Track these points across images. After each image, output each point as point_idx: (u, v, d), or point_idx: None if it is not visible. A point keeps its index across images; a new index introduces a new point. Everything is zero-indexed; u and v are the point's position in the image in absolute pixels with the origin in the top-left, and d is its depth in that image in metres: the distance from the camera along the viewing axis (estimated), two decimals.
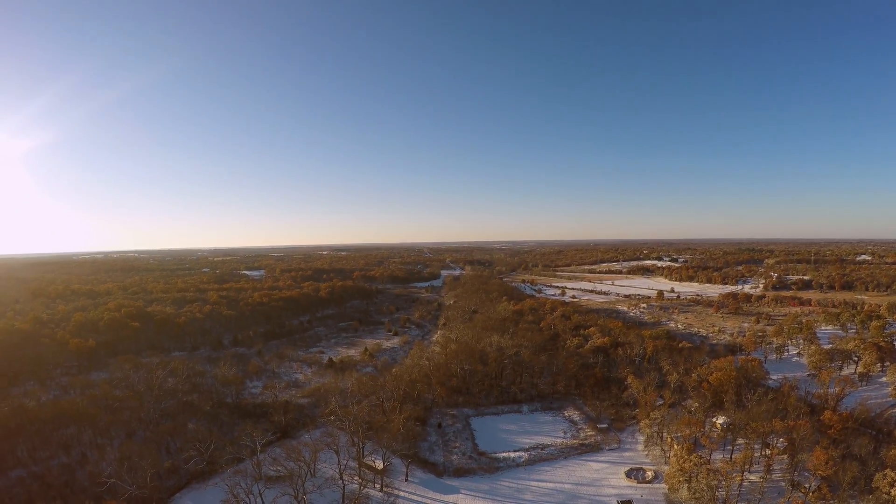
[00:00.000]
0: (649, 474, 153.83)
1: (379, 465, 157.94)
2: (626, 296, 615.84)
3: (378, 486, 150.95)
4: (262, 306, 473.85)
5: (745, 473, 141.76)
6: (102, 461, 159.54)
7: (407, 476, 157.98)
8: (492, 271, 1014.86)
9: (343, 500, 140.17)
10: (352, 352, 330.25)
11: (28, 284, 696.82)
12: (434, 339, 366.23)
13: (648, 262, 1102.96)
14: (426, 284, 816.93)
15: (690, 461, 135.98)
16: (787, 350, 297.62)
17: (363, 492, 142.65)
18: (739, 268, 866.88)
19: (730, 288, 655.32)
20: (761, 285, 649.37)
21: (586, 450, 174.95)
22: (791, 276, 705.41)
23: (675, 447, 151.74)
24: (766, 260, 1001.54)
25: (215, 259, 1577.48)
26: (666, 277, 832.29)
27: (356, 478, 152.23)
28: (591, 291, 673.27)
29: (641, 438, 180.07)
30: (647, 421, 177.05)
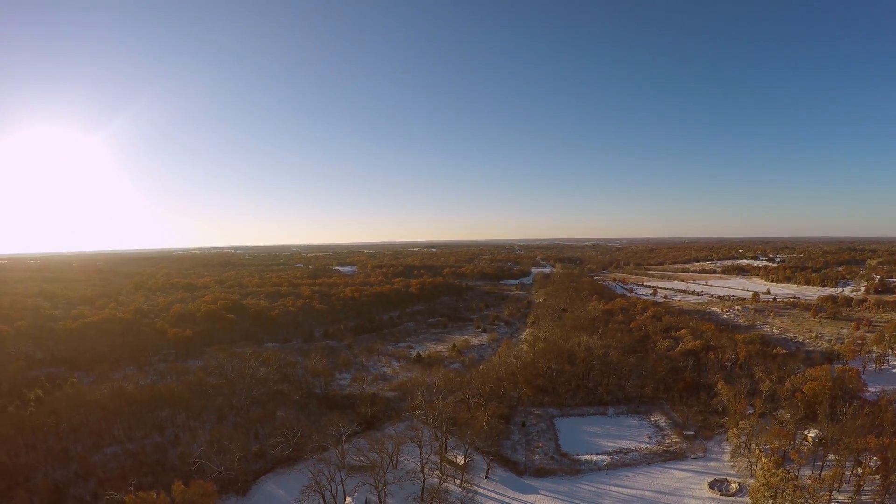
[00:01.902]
0: (733, 487, 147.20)
1: (460, 460, 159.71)
2: (719, 297, 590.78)
3: (458, 481, 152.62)
4: (354, 301, 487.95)
5: (833, 493, 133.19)
6: (193, 443, 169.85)
7: (487, 473, 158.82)
8: (582, 269, 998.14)
9: (422, 493, 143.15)
10: (440, 347, 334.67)
11: (131, 278, 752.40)
12: (522, 336, 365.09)
13: (744, 262, 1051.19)
14: (516, 282, 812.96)
15: (777, 476, 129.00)
16: (888, 360, 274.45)
17: (443, 486, 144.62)
18: (840, 268, 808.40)
19: (829, 290, 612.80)
20: (862, 288, 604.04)
21: (670, 457, 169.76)
22: (895, 279, 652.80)
23: (763, 460, 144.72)
24: (868, 260, 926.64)
25: (309, 255, 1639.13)
26: (762, 278, 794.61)
27: (437, 472, 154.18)
28: (684, 291, 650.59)
29: (728, 448, 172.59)
30: (735, 430, 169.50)
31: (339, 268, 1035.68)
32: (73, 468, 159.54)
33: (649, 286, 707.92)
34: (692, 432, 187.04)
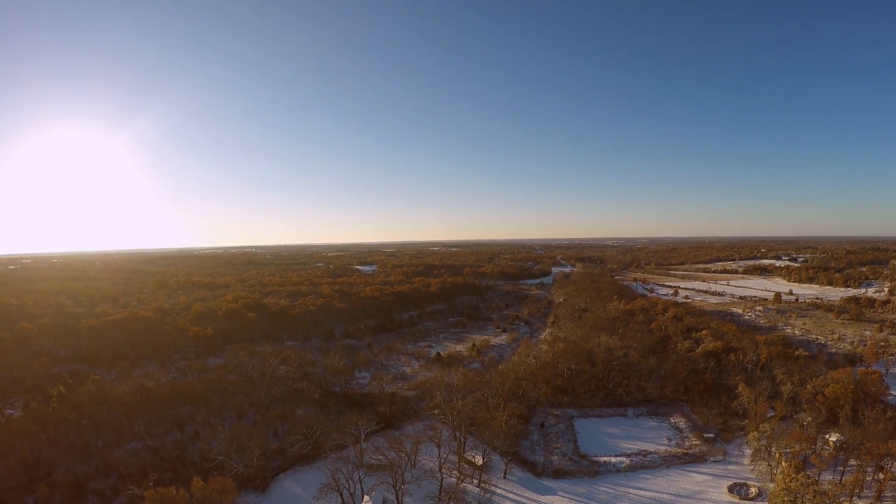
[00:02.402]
0: (753, 491, 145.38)
1: (478, 460, 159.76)
2: (741, 297, 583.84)
3: (476, 481, 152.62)
4: (374, 300, 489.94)
5: (854, 498, 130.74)
6: (213, 440, 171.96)
7: (505, 474, 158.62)
8: (603, 269, 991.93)
9: (440, 493, 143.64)
10: (459, 347, 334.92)
11: (152, 277, 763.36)
12: (542, 336, 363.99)
13: (766, 262, 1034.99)
14: (536, 281, 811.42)
15: (798, 480, 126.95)
16: None
17: (460, 486, 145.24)
18: (863, 269, 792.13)
19: (852, 291, 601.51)
20: (886, 289, 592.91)
21: (690, 460, 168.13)
22: None
23: (783, 464, 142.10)
24: (892, 260, 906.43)
25: (329, 254, 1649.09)
26: (784, 278, 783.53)
27: (455, 472, 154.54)
28: (705, 292, 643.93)
29: (748, 452, 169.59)
30: (755, 433, 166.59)
31: (360, 267, 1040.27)
32: (94, 463, 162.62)
33: (670, 286, 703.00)
34: (712, 435, 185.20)
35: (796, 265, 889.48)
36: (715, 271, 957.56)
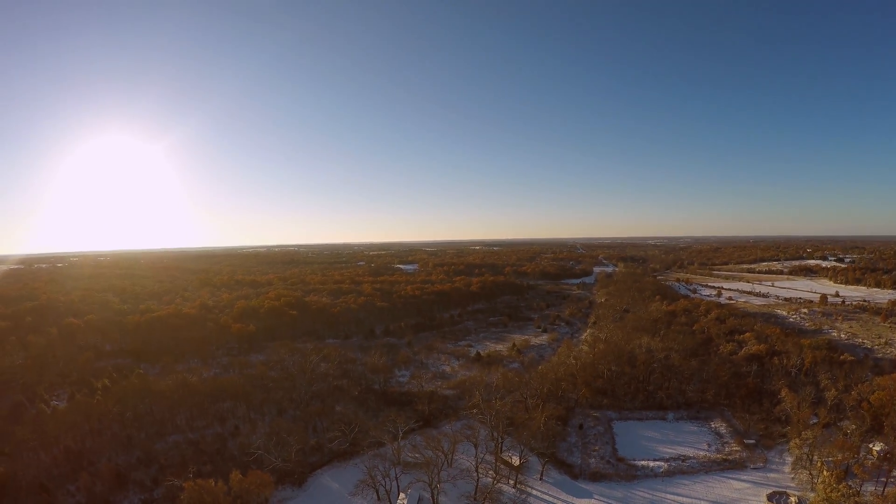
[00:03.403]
0: (792, 500, 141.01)
1: (515, 461, 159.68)
2: (785, 299, 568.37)
3: (512, 482, 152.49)
4: (415, 299, 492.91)
5: None
6: (253, 434, 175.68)
7: (542, 475, 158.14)
8: (645, 269, 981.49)
9: (476, 493, 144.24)
10: (499, 347, 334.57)
11: (197, 275, 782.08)
12: (583, 337, 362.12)
13: (812, 262, 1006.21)
14: (578, 281, 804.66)
15: (838, 491, 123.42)
16: None
17: (496, 486, 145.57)
18: None
19: None
20: None
21: (729, 466, 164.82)
22: None
23: (825, 473, 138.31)
24: None
25: (370, 253, 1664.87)
26: (830, 279, 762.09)
27: (491, 472, 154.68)
28: (749, 293, 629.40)
29: (790, 459, 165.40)
30: (797, 440, 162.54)
31: (401, 266, 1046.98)
32: (136, 454, 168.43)
33: (713, 287, 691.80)
34: (753, 441, 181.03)
35: (843, 266, 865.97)
36: (759, 272, 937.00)
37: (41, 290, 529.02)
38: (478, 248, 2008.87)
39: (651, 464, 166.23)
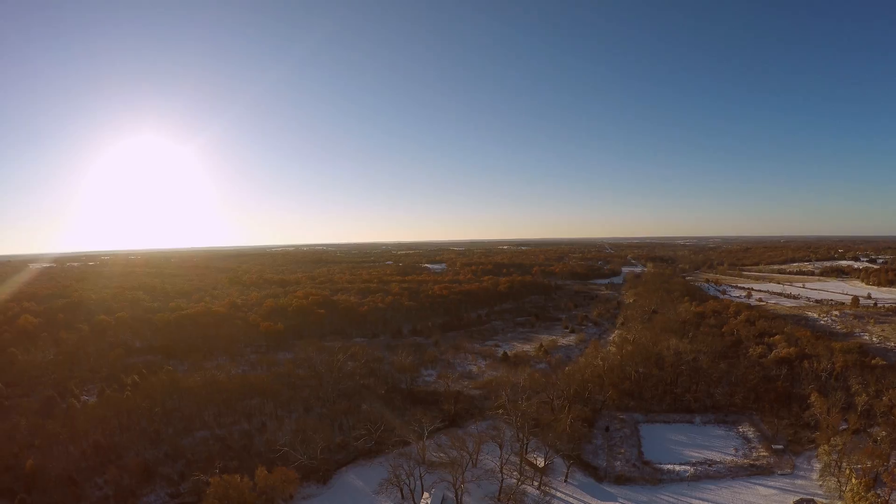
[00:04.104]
0: None
1: (540, 462, 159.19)
2: (816, 301, 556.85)
3: (536, 483, 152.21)
4: (442, 298, 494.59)
5: None
6: (279, 431, 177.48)
7: (566, 477, 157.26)
8: (674, 269, 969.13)
9: (499, 493, 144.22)
10: (527, 347, 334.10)
11: (226, 273, 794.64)
12: (610, 338, 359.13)
13: (844, 263, 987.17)
14: (606, 281, 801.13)
15: (867, 499, 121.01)
16: None
17: (520, 487, 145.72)
18: None
19: None
20: None
21: (756, 472, 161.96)
22: None
23: (853, 481, 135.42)
24: None
25: (399, 252, 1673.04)
26: (863, 281, 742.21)
27: (515, 473, 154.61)
28: (780, 294, 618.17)
29: (818, 466, 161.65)
30: (826, 447, 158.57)
31: (429, 265, 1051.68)
32: (164, 449, 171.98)
33: (743, 288, 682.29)
34: (781, 446, 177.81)
35: (875, 267, 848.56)
36: (790, 272, 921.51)
37: (73, 288, 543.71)
38: (506, 247, 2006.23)
39: (677, 468, 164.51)
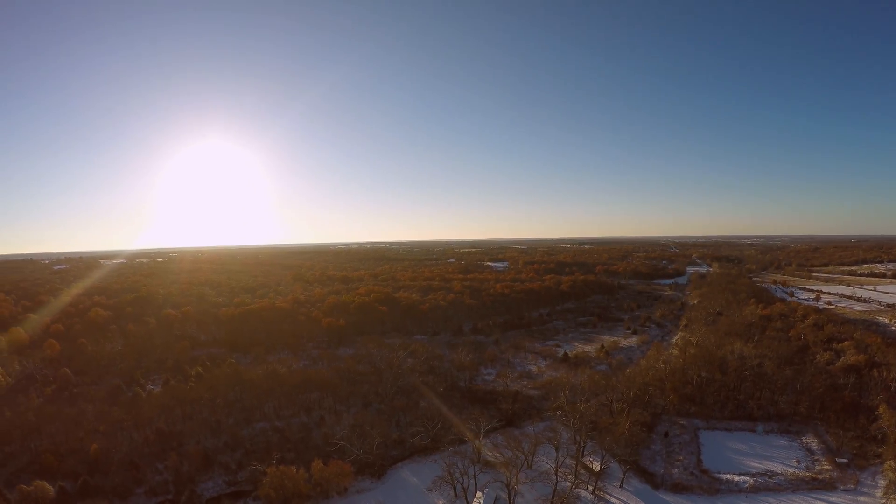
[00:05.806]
0: None
1: (596, 466, 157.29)
2: (888, 305, 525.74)
3: (591, 487, 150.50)
4: (503, 297, 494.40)
5: None
6: (337, 425, 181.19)
7: (622, 482, 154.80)
8: (740, 269, 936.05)
9: (553, 496, 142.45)
10: (588, 348, 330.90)
11: (290, 270, 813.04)
12: (673, 340, 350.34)
13: None
14: (670, 281, 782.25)
15: None
16: None
17: (574, 491, 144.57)
18: None
19: None
20: None
21: (818, 486, 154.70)
22: None
23: None
24: None
25: (461, 250, 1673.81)
26: None
27: (570, 476, 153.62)
28: (850, 297, 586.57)
29: (882, 483, 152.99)
30: (892, 462, 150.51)
31: (491, 263, 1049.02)
32: (224, 439, 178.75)
33: (812, 290, 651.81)
34: (845, 460, 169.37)
35: None
36: (861, 274, 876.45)
37: (141, 284, 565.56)
38: (569, 246, 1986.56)
39: (736, 478, 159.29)
